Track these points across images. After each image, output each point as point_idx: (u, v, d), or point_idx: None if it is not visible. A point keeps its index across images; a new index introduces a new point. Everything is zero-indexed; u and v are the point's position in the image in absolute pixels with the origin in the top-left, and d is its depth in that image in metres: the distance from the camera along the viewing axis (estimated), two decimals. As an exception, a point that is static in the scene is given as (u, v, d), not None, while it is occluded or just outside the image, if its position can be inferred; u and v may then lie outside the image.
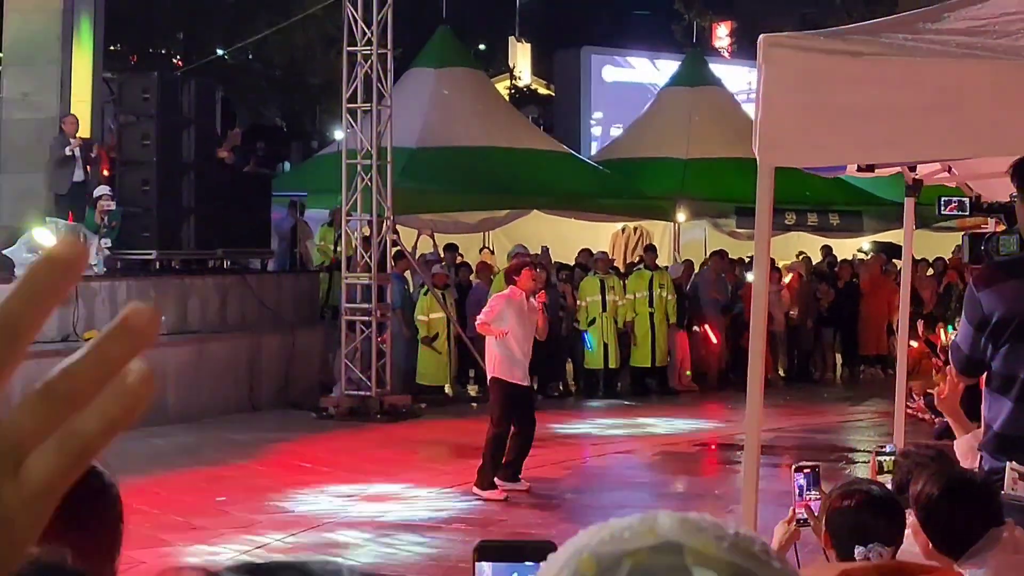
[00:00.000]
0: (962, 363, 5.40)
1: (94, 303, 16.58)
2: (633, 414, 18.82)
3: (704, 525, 1.04)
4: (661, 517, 1.04)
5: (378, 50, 18.09)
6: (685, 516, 1.05)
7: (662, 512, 1.06)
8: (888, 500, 4.27)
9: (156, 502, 12.10)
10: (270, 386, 18.55)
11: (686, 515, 1.05)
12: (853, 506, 4.17)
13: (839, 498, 4.25)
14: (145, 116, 18.25)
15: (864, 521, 4.11)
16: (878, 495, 4.27)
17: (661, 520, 1.04)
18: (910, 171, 7.51)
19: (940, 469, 4.54)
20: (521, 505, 12.46)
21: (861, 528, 4.09)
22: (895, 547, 4.12)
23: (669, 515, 1.05)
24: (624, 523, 1.05)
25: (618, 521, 1.06)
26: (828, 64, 4.71)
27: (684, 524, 1.03)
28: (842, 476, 13.47)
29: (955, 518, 4.22)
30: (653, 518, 1.05)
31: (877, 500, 4.21)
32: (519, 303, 12.48)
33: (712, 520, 1.05)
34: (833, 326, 23.71)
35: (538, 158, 25.43)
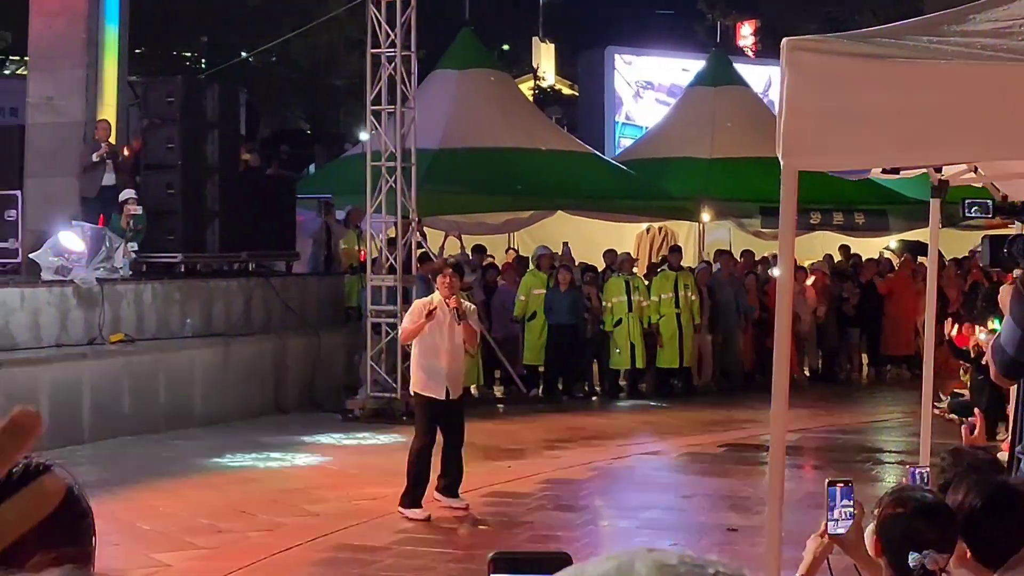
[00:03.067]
0: (1006, 365, 5.33)
1: (119, 306, 16.64)
2: (658, 415, 18.80)
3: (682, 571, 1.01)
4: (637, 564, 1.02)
5: (402, 52, 18.11)
6: (662, 561, 1.02)
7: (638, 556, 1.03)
8: (941, 507, 4.24)
9: (182, 505, 12.15)
10: (295, 388, 18.59)
11: (663, 559, 1.02)
12: (907, 513, 4.14)
13: (892, 504, 4.22)
14: (169, 120, 18.30)
15: (918, 528, 4.08)
16: (931, 502, 4.24)
17: (638, 568, 1.01)
18: (936, 172, 7.49)
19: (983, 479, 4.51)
20: (546, 507, 12.45)
21: (915, 535, 4.06)
22: (949, 554, 4.09)
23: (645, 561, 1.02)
24: (600, 570, 1.03)
25: (593, 568, 1.04)
26: (851, 67, 4.69)
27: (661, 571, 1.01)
28: (870, 478, 13.45)
29: (997, 530, 4.20)
30: (630, 565, 1.02)
31: (931, 507, 4.18)
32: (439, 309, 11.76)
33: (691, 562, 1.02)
34: (859, 326, 23.63)
35: (562, 159, 25.40)
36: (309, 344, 18.88)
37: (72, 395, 15.13)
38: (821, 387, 22.01)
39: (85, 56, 18.71)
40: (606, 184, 25.38)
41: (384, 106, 18.32)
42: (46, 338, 15.64)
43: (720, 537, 10.99)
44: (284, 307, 19.11)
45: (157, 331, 17.10)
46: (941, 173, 7.50)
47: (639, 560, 1.02)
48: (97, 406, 15.36)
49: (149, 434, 15.65)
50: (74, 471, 2.13)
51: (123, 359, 16.06)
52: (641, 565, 1.01)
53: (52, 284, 16.04)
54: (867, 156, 5.22)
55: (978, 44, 4.62)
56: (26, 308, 15.52)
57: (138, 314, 16.95)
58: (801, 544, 4.62)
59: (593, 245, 23.90)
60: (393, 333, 18.01)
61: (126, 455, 14.50)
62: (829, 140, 4.79)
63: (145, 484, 13.17)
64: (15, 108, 24.34)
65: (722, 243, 25.97)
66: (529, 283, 20.48)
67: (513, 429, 17.19)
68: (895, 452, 15.63)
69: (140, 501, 12.25)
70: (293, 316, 19.16)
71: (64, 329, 15.89)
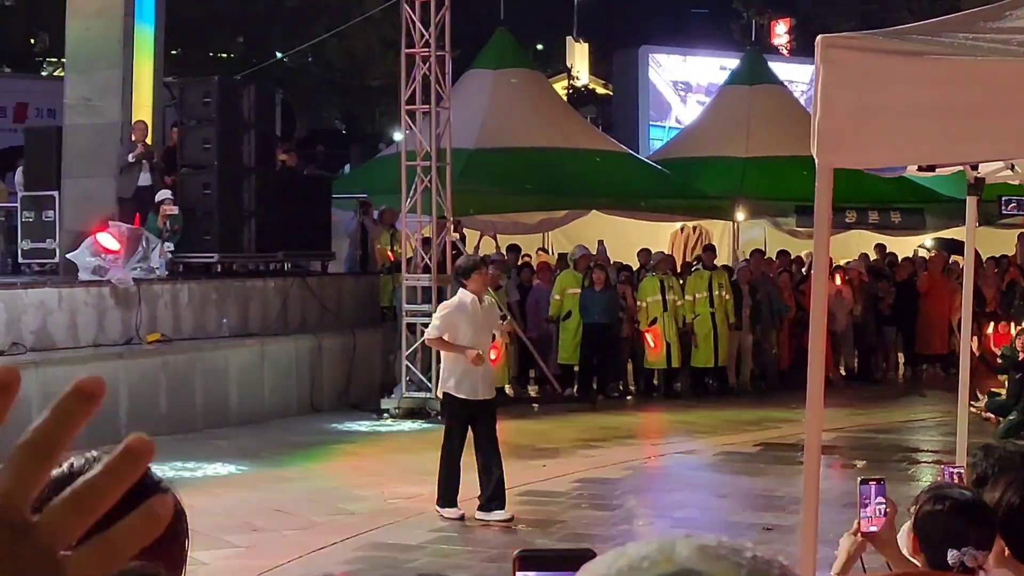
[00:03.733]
0: None
1: (156, 306, 16.73)
2: (693, 414, 18.77)
3: (722, 552, 1.02)
4: (679, 545, 1.03)
5: (436, 52, 18.13)
6: (703, 543, 1.04)
7: (679, 539, 1.05)
8: (979, 505, 4.23)
9: (218, 503, 12.19)
10: (331, 388, 18.64)
11: (704, 542, 1.04)
12: (945, 510, 4.13)
13: (930, 502, 4.21)
14: (206, 120, 18.39)
15: (957, 525, 4.07)
16: (969, 500, 4.23)
17: (679, 548, 1.03)
18: (972, 170, 7.45)
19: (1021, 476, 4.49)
20: (581, 506, 12.45)
21: (954, 532, 4.05)
22: (987, 551, 4.08)
23: (687, 543, 1.04)
24: (642, 551, 1.04)
25: (635, 549, 1.05)
26: (887, 64, 4.68)
27: (703, 552, 1.02)
28: (906, 477, 13.40)
29: None
30: (671, 546, 1.03)
31: (968, 504, 4.17)
32: (471, 308, 11.50)
33: (730, 546, 1.04)
34: (895, 325, 23.54)
35: (596, 158, 25.40)
36: (345, 344, 18.93)
37: (109, 395, 14.72)
38: (857, 386, 21.93)
39: (122, 57, 18.79)
40: (640, 183, 25.36)
41: (419, 106, 18.35)
42: (83, 338, 15.74)
43: (755, 536, 10.96)
44: (320, 307, 19.18)
45: (193, 331, 17.18)
46: (977, 171, 7.46)
47: (680, 542, 1.04)
48: (134, 406, 15.43)
49: (186, 433, 15.72)
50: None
51: (160, 359, 16.14)
52: (683, 546, 1.03)
53: (89, 284, 16.13)
54: (902, 153, 5.20)
55: (1015, 40, 4.60)
56: (64, 308, 15.62)
57: (175, 314, 17.03)
58: (836, 543, 4.61)
59: (628, 244, 23.88)
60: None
61: (163, 454, 14.48)
62: (864, 137, 4.78)
63: (181, 483, 13.21)
64: (52, 109, 24.53)
65: (757, 242, 25.90)
66: (564, 282, 20.47)
67: (547, 428, 17.19)
68: (931, 451, 15.56)
69: (177, 500, 12.30)
70: (329, 316, 19.22)
71: (101, 329, 15.98)
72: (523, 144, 24.47)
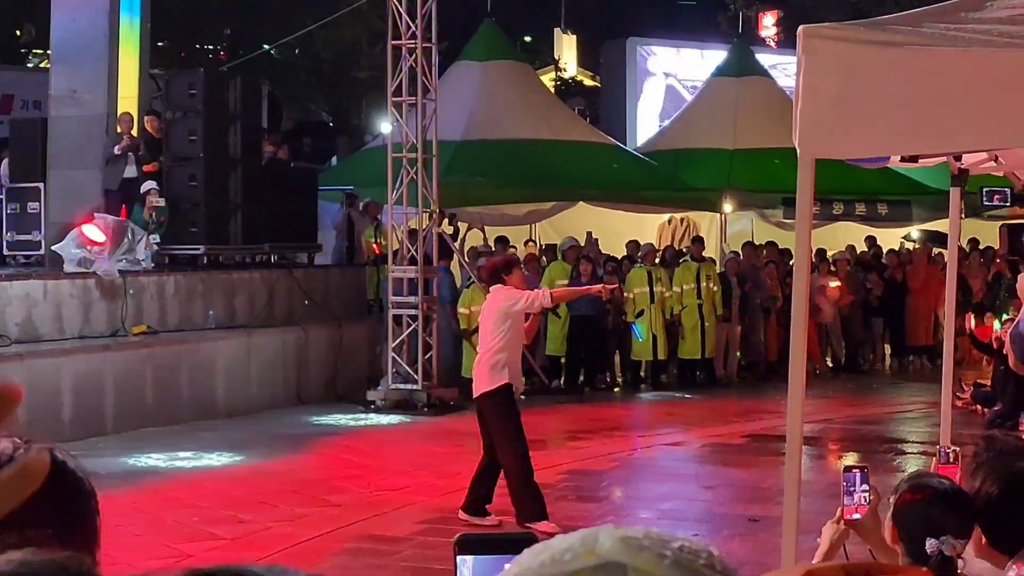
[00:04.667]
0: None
1: (142, 298, 16.70)
2: (680, 406, 18.79)
3: (646, 543, 1.02)
4: (602, 536, 1.03)
5: (423, 44, 18.10)
6: (627, 534, 1.03)
7: (603, 530, 1.04)
8: (958, 493, 4.23)
9: (204, 495, 12.19)
10: (317, 380, 18.63)
11: (628, 533, 1.04)
12: (924, 499, 4.13)
13: (908, 492, 4.21)
14: (192, 112, 18.37)
15: (935, 514, 4.07)
16: (948, 488, 4.23)
17: (602, 540, 1.02)
18: (956, 161, 7.45)
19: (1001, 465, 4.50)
20: (567, 498, 12.45)
21: (933, 521, 4.05)
22: (966, 540, 4.08)
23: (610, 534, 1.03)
24: (565, 544, 1.04)
25: (559, 541, 1.05)
26: (869, 54, 4.68)
27: (626, 543, 1.02)
28: (892, 468, 13.41)
29: (1013, 517, 4.20)
30: (594, 538, 1.03)
31: (948, 494, 4.17)
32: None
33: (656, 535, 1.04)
34: (883, 316, 23.59)
35: (584, 150, 25.38)
36: (331, 336, 18.92)
37: (95, 387, 15.18)
38: (844, 378, 21.98)
39: (107, 49, 18.75)
40: (628, 175, 25.36)
41: (405, 98, 18.33)
42: (69, 330, 15.71)
43: (741, 527, 10.98)
44: (307, 299, 19.16)
45: (180, 323, 17.16)
46: (960, 162, 7.46)
47: (604, 533, 1.03)
48: (120, 398, 15.42)
49: (171, 425, 15.70)
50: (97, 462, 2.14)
51: (146, 351, 16.12)
52: (606, 538, 1.03)
53: (75, 276, 16.10)
54: (884, 144, 5.20)
55: (996, 31, 4.60)
56: (49, 300, 15.59)
57: (161, 306, 17.01)
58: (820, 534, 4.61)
59: (615, 236, 23.88)
60: (414, 325, 18.04)
61: (149, 446, 14.55)
62: (846, 127, 4.78)
63: (167, 475, 13.22)
64: (38, 101, 24.44)
65: (744, 234, 25.92)
66: (553, 273, 20.46)
67: (535, 420, 17.11)
68: (917, 442, 15.58)
69: (162, 492, 12.30)
70: (315, 308, 19.20)
71: (87, 321, 15.96)
72: (510, 136, 24.45)
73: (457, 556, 1.53)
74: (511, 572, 1.04)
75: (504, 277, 11.04)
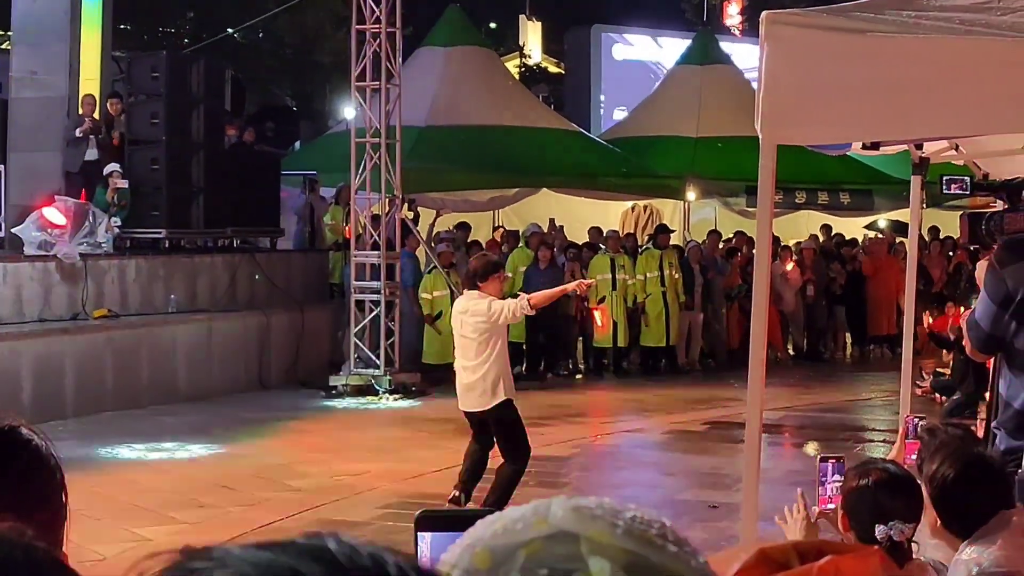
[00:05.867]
0: (981, 341, 5.36)
1: (103, 281, 16.61)
2: (642, 393, 18.82)
3: (599, 512, 1.02)
4: (554, 506, 1.03)
5: (387, 29, 18.05)
6: (579, 504, 1.03)
7: (555, 500, 1.04)
8: (905, 478, 4.27)
9: (164, 479, 12.16)
10: (279, 365, 18.58)
11: (580, 502, 1.03)
12: (870, 485, 4.16)
13: (855, 478, 4.24)
14: (154, 95, 18.26)
15: (882, 499, 4.10)
16: (894, 473, 4.27)
17: (554, 509, 1.02)
18: (917, 149, 7.48)
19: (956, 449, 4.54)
20: (528, 483, 12.42)
21: (879, 507, 4.08)
22: (915, 523, 4.11)
23: (562, 504, 1.03)
24: (517, 514, 1.03)
25: (511, 512, 1.05)
26: (831, 41, 4.69)
27: (578, 512, 1.02)
28: (852, 456, 13.48)
29: (967, 499, 4.24)
30: (547, 507, 1.03)
31: (894, 478, 4.21)
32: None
33: (609, 505, 1.03)
34: (844, 305, 23.68)
35: (548, 136, 25.37)
36: (293, 321, 18.88)
37: (55, 370, 15.10)
38: (805, 366, 22.06)
39: (69, 30, 18.63)
40: (591, 162, 25.37)
41: (369, 83, 18.27)
42: (29, 313, 15.61)
43: (702, 514, 11.01)
44: (268, 283, 19.09)
45: (141, 307, 17.08)
46: (922, 150, 7.49)
47: (556, 503, 1.03)
48: (80, 381, 15.34)
49: (132, 409, 15.63)
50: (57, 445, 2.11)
51: (106, 335, 16.04)
52: (558, 507, 1.02)
53: (35, 259, 16.00)
54: (845, 130, 5.22)
55: (956, 19, 4.62)
56: (8, 283, 15.49)
57: (122, 290, 16.92)
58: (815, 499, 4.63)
59: (578, 222, 23.89)
60: (377, 310, 18.02)
61: (109, 430, 14.48)
62: (808, 114, 4.79)
63: (127, 459, 13.17)
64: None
65: (708, 222, 25.99)
66: (517, 260, 20.45)
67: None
68: (877, 430, 15.67)
69: (122, 476, 12.25)
70: (277, 292, 19.14)
71: (47, 304, 15.86)
72: (473, 122, 24.41)
73: (417, 533, 1.53)
74: (464, 542, 1.04)
75: (479, 284, 10.19)
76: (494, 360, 10.31)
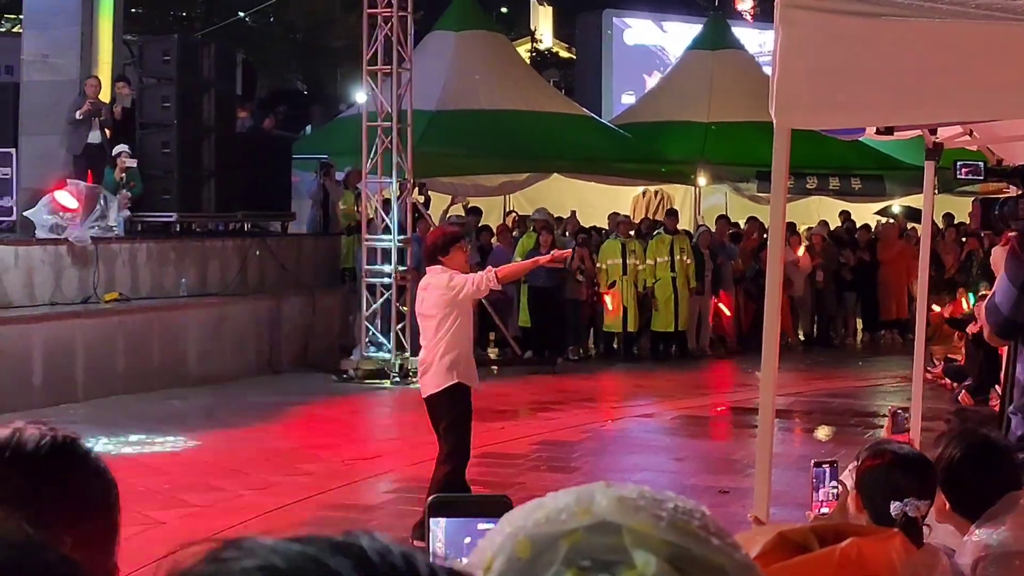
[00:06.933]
0: (999, 325, 5.36)
1: (114, 265, 16.63)
2: (652, 378, 18.82)
3: (642, 503, 1.02)
4: (598, 496, 1.02)
5: (399, 13, 18.03)
6: (622, 494, 1.03)
7: (598, 489, 1.04)
8: (918, 457, 4.28)
9: (175, 463, 12.17)
10: (290, 349, 18.59)
11: (623, 493, 1.03)
12: (885, 464, 4.16)
13: (869, 458, 4.24)
14: (165, 79, 18.26)
15: (897, 478, 4.10)
16: (908, 452, 4.28)
17: (598, 499, 1.02)
18: (930, 134, 7.45)
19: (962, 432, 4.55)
20: (539, 468, 12.47)
21: (894, 485, 4.08)
22: (930, 501, 4.11)
23: (605, 493, 1.03)
24: (560, 503, 1.03)
25: (554, 500, 1.04)
26: (846, 25, 4.66)
27: (621, 503, 1.01)
28: (862, 441, 13.47)
29: (975, 482, 4.25)
30: (589, 497, 1.02)
31: (908, 457, 4.22)
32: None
33: (651, 496, 1.03)
34: (855, 291, 23.65)
35: (559, 121, 25.37)
36: (304, 304, 18.88)
37: (66, 354, 15.12)
38: (816, 351, 22.04)
39: (81, 13, 18.63)
40: (602, 147, 25.36)
41: (380, 67, 18.26)
42: (40, 296, 15.64)
43: (712, 499, 11.00)
44: (280, 267, 19.10)
45: (152, 290, 17.10)
46: (935, 135, 7.46)
47: (599, 493, 1.03)
48: (91, 365, 15.36)
49: (143, 393, 15.65)
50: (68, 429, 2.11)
51: (117, 318, 16.06)
52: (601, 497, 1.02)
53: (46, 242, 16.02)
54: (860, 114, 5.20)
55: (972, 3, 4.60)
56: (20, 266, 15.51)
57: (133, 273, 16.94)
58: (790, 505, 4.63)
59: (590, 208, 23.91)
60: (388, 294, 18.02)
61: (120, 414, 14.51)
62: (822, 98, 4.77)
63: (138, 443, 13.19)
64: (10, 66, 24.23)
65: (719, 207, 25.97)
66: (526, 245, 20.45)
67: (507, 391, 17.20)
68: (887, 416, 15.62)
69: (134, 459, 12.27)
70: (288, 276, 19.16)
71: (59, 288, 15.88)
72: (484, 106, 24.42)
73: (430, 518, 1.52)
74: (504, 530, 1.04)
75: (441, 258, 9.28)
76: (451, 338, 9.25)
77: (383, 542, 0.87)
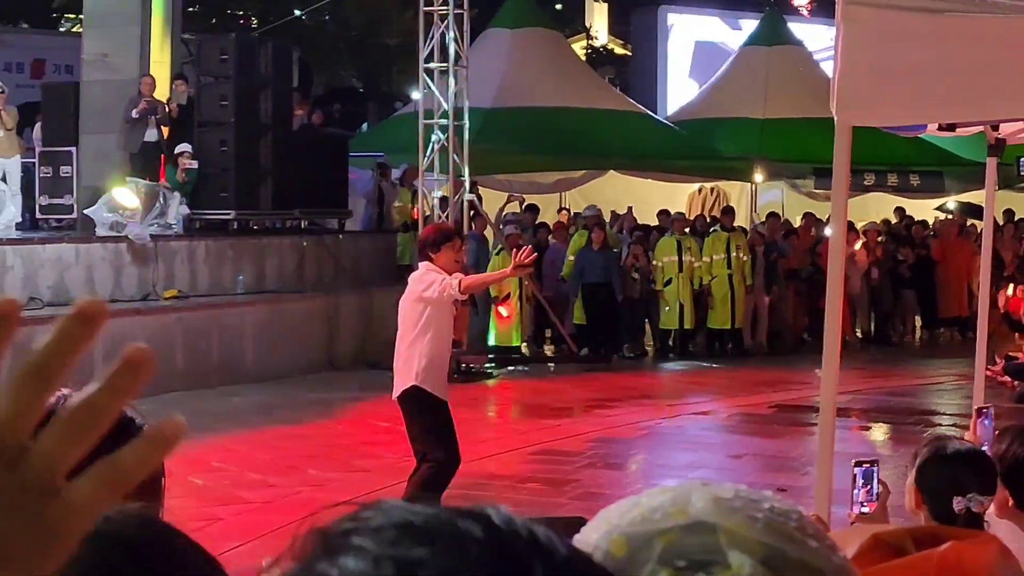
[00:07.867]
0: None
1: (173, 263, 16.76)
2: (708, 375, 18.77)
3: (737, 504, 1.01)
4: (694, 496, 1.02)
5: (455, 10, 18.07)
6: (718, 494, 1.03)
7: (695, 489, 1.04)
8: (978, 453, 4.26)
9: (234, 460, 12.24)
10: (348, 345, 18.65)
11: (719, 493, 1.03)
12: (946, 459, 4.13)
13: (930, 453, 4.22)
14: (223, 77, 18.37)
15: (959, 473, 4.07)
16: (968, 449, 4.25)
17: (694, 499, 1.02)
18: (992, 130, 7.40)
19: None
20: (595, 466, 12.46)
21: (956, 479, 4.05)
22: (991, 497, 4.09)
23: (702, 494, 1.03)
24: (655, 502, 1.03)
25: (649, 499, 1.04)
26: (907, 22, 4.64)
27: (718, 504, 1.01)
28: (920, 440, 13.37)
29: None
30: (686, 497, 1.02)
31: (968, 453, 4.19)
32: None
33: (746, 496, 1.03)
34: (913, 288, 23.47)
35: (614, 118, 25.32)
36: (361, 302, 18.94)
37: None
38: (873, 349, 21.90)
39: (139, 13, 18.78)
40: (658, 144, 25.29)
41: (436, 64, 18.30)
42: (100, 293, 15.76)
43: (769, 497, 10.95)
44: (336, 265, 19.17)
45: (210, 288, 17.21)
46: (998, 131, 7.41)
47: (695, 493, 1.03)
48: (150, 361, 15.45)
49: (201, 389, 15.75)
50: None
51: (176, 315, 16.18)
52: (697, 497, 1.02)
53: (106, 240, 16.17)
54: (922, 112, 5.17)
55: (1036, -2, 4.57)
56: (81, 264, 15.66)
57: (191, 271, 17.06)
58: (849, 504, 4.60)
59: (645, 205, 23.85)
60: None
61: (178, 410, 14.39)
62: (884, 95, 4.75)
63: (197, 439, 13.26)
64: (70, 66, 24.53)
65: (775, 204, 25.85)
66: (577, 243, 20.45)
67: (563, 388, 17.21)
68: (947, 414, 15.53)
69: (192, 456, 12.33)
70: (345, 274, 19.22)
71: (118, 285, 16.02)
72: (540, 104, 24.41)
73: None
74: (599, 528, 1.04)
75: (431, 255, 8.89)
76: (417, 339, 8.82)
77: (507, 513, 0.88)
